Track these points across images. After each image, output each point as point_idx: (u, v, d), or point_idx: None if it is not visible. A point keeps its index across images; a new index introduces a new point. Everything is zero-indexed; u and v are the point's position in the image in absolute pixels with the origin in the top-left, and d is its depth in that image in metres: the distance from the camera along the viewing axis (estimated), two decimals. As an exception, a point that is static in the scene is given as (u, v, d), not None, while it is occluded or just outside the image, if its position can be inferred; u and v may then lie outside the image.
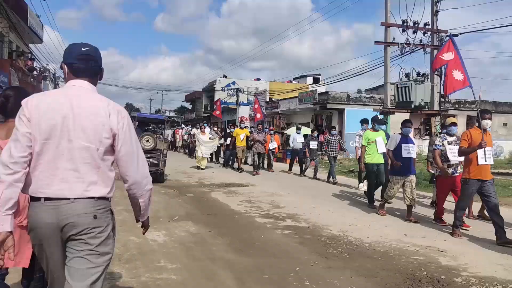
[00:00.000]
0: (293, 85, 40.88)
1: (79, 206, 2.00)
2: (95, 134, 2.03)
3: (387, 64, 13.73)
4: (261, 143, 14.25)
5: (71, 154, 2.01)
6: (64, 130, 2.00)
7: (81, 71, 2.12)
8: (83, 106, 2.04)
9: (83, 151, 2.02)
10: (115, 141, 2.08)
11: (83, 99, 2.07)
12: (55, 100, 2.06)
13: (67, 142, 2.00)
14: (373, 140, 8.12)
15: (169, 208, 7.54)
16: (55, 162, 2.00)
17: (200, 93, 53.25)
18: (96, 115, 2.05)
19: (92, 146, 2.03)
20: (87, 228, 2.00)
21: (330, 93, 24.86)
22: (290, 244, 5.35)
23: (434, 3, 13.78)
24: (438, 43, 13.92)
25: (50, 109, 2.00)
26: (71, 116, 2.01)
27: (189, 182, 11.44)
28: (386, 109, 13.73)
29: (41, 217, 1.98)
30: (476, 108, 7.00)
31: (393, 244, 5.44)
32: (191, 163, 18.24)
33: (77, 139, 2.01)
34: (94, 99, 2.11)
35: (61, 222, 1.98)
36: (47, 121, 1.99)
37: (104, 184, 2.08)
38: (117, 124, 2.07)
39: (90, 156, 2.03)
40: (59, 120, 2.00)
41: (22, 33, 18.89)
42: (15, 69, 16.26)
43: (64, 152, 2.00)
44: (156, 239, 5.31)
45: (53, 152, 2.00)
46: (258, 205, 8.03)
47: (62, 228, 1.99)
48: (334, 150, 12.39)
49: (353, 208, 8.11)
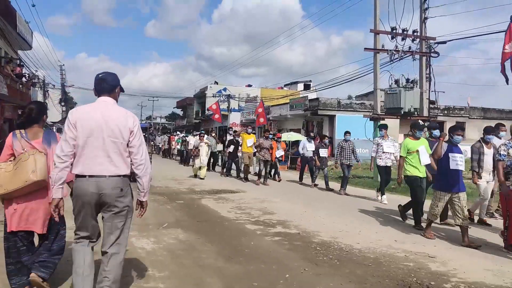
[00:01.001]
0: (284, 91, 41.04)
1: (112, 182, 3.03)
2: (120, 132, 3.07)
3: (377, 71, 13.86)
4: (268, 150, 13.17)
5: (105, 147, 3.02)
6: (99, 131, 3.01)
7: (98, 90, 3.20)
8: (109, 115, 3.07)
9: (112, 144, 3.04)
10: (131, 136, 3.11)
11: (109, 110, 3.11)
12: (90, 111, 3.07)
13: (101, 139, 3.02)
14: (414, 150, 6.96)
15: (158, 215, 7.46)
16: (94, 152, 3.00)
17: (192, 99, 53.21)
18: (119, 121, 3.07)
19: (118, 141, 3.06)
20: (116, 197, 3.06)
21: (321, 100, 25.00)
22: (280, 251, 5.31)
23: (423, 11, 13.97)
24: (427, 50, 14.09)
25: (88, 118, 3.03)
26: (103, 122, 3.03)
27: (179, 189, 11.35)
28: (376, 115, 13.83)
29: (86, 188, 2.99)
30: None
31: (383, 250, 5.43)
32: (184, 171, 18.17)
33: (108, 136, 3.03)
34: (116, 109, 3.15)
35: (99, 191, 3.00)
36: (87, 125, 3.00)
37: (126, 166, 3.13)
38: (133, 126, 3.13)
39: (117, 147, 3.06)
40: (95, 124, 3.01)
41: (11, 39, 18.73)
42: (3, 76, 16.11)
43: (100, 146, 3.01)
44: (144, 247, 5.24)
45: (92, 146, 3.00)
46: (249, 212, 7.98)
47: (99, 195, 3.00)
48: (348, 158, 11.33)
49: (344, 214, 8.09)
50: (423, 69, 14.21)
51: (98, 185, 2.99)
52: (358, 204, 9.41)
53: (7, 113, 19.06)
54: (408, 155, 7.04)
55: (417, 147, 6.98)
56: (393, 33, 13.69)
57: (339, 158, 11.35)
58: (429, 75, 14.29)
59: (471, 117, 27.76)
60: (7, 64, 18.41)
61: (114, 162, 3.04)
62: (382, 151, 9.76)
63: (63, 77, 37.37)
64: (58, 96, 37.58)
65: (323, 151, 12.47)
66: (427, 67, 14.24)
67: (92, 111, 3.07)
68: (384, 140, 9.89)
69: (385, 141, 9.89)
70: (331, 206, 9.18)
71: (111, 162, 3.03)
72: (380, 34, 13.84)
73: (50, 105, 34.25)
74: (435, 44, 14.24)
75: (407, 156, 7.04)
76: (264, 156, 13.05)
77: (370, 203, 9.57)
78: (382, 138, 9.98)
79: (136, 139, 3.12)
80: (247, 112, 35.81)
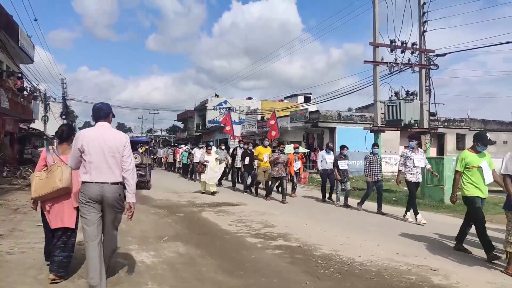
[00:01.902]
0: (284, 104, 41.20)
1: (112, 188, 3.94)
2: (116, 149, 3.99)
3: (377, 83, 13.90)
4: (284, 165, 12.01)
5: (106, 160, 3.93)
6: (100, 148, 3.93)
7: (96, 117, 4.14)
8: (108, 137, 4.01)
9: (112, 158, 3.96)
10: (124, 150, 4.03)
11: (107, 132, 4.06)
12: (93, 133, 4.01)
13: (103, 154, 3.93)
14: (475, 165, 6.01)
15: (158, 228, 7.42)
16: (98, 165, 3.91)
17: (192, 112, 53.38)
18: (115, 140, 4.03)
19: (116, 155, 3.99)
20: (115, 200, 3.97)
21: (321, 112, 25.06)
22: (281, 264, 5.26)
23: (422, 24, 14.08)
24: (426, 62, 14.16)
25: (92, 138, 3.96)
26: (103, 141, 3.95)
27: (180, 202, 11.30)
28: (376, 127, 13.84)
29: (94, 191, 3.88)
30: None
31: (385, 263, 5.38)
32: (185, 184, 18.09)
33: (108, 152, 3.95)
34: (112, 131, 4.13)
35: (103, 194, 3.90)
36: (91, 144, 3.92)
37: (121, 176, 4.01)
38: (125, 142, 4.07)
39: (115, 161, 3.98)
40: (97, 143, 3.93)
41: (13, 53, 18.87)
42: (5, 89, 16.18)
43: (102, 160, 3.92)
44: (144, 261, 5.20)
45: (97, 160, 3.91)
46: (249, 225, 7.94)
47: (102, 197, 3.90)
48: (377, 173, 10.13)
49: (345, 227, 8.04)
50: (422, 81, 14.27)
51: (102, 189, 3.90)
52: (361, 217, 9.36)
53: (8, 126, 19.12)
54: (466, 170, 6.07)
55: (479, 163, 6.03)
56: (392, 45, 13.77)
57: (368, 174, 10.12)
58: (429, 87, 14.33)
59: (471, 129, 27.78)
60: (9, 78, 18.51)
61: (114, 172, 3.96)
62: (412, 165, 8.70)
63: (64, 91, 37.50)
64: (59, 110, 37.69)
65: (343, 163, 11.34)
66: (426, 79, 14.29)
67: (95, 134, 4.00)
68: (414, 153, 8.82)
69: (416, 153, 8.82)
70: (332, 219, 9.13)
71: (112, 172, 3.95)
72: (379, 47, 13.93)
73: (51, 118, 34.39)
74: (435, 56, 14.31)
75: (464, 172, 6.09)
76: (279, 172, 11.83)
77: (373, 216, 9.51)
78: (412, 151, 8.88)
79: (126, 151, 4.06)
80: (247, 124, 35.88)
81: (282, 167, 11.83)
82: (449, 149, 27.68)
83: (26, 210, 8.76)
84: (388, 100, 13.63)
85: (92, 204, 3.89)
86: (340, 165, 11.23)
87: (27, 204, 9.57)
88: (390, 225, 8.23)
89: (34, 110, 22.09)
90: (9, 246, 5.58)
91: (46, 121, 33.60)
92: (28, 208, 8.94)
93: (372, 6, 14.05)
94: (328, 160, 12.15)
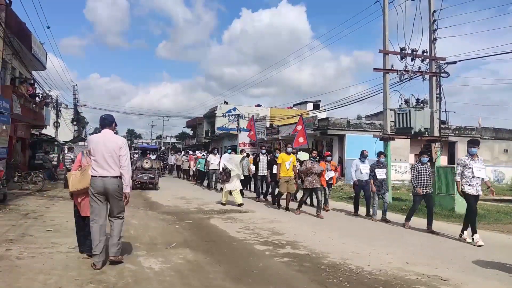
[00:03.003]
0: (293, 111, 41.15)
1: (112, 180, 5.04)
2: (114, 149, 5.07)
3: (386, 91, 13.85)
4: (318, 175, 10.72)
5: (106, 159, 5.02)
6: (102, 150, 5.03)
7: (102, 125, 5.29)
8: (108, 140, 5.11)
9: (110, 157, 5.04)
10: (120, 151, 5.09)
11: (108, 137, 5.16)
12: (98, 138, 5.14)
13: (103, 154, 5.03)
14: None
15: (166, 234, 7.43)
16: (101, 163, 5.02)
17: (201, 119, 53.59)
18: (114, 142, 5.11)
19: (113, 155, 5.06)
20: (115, 190, 5.05)
21: (330, 119, 25.00)
22: (289, 272, 5.23)
23: (432, 32, 14.00)
24: (437, 70, 14.07)
25: (97, 142, 5.08)
26: (104, 144, 5.05)
27: (188, 208, 11.31)
28: (386, 135, 13.76)
29: (98, 184, 4.98)
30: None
31: (394, 272, 5.32)
32: (192, 190, 18.10)
33: (107, 152, 5.03)
34: (112, 136, 5.21)
35: (105, 186, 4.99)
36: (96, 146, 5.05)
37: (119, 170, 5.09)
38: (121, 144, 5.15)
39: (113, 159, 5.06)
40: (100, 146, 5.05)
41: (26, 60, 19.15)
42: (17, 95, 16.42)
43: (103, 158, 5.02)
44: (152, 267, 5.20)
45: (100, 159, 5.02)
46: (258, 232, 7.91)
47: (105, 189, 4.99)
48: (427, 184, 8.81)
49: (354, 235, 7.98)
50: (433, 89, 14.16)
51: (104, 182, 5.03)
52: (370, 225, 9.28)
53: (20, 132, 19.36)
54: None
55: None
56: (402, 53, 13.71)
57: (417, 185, 8.82)
58: (439, 95, 14.20)
59: (482, 137, 27.51)
60: (21, 84, 18.78)
61: (113, 168, 5.08)
62: (471, 175, 7.56)
63: (75, 97, 37.92)
64: (70, 116, 38.09)
65: (380, 172, 10.04)
66: (437, 87, 14.18)
67: (99, 139, 5.16)
68: (473, 161, 7.67)
69: (475, 161, 7.67)
70: (341, 227, 9.06)
71: (111, 168, 5.07)
72: (389, 55, 13.89)
73: (62, 124, 34.74)
74: (445, 64, 14.21)
75: None
76: (312, 183, 10.55)
77: (382, 225, 9.42)
78: (471, 158, 7.71)
79: (122, 151, 5.14)
80: (256, 131, 35.89)
81: (316, 177, 10.64)
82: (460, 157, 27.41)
83: (36, 215, 8.84)
84: (398, 108, 13.55)
85: (98, 196, 5.03)
86: (378, 174, 10.00)
87: (37, 209, 9.67)
88: (399, 234, 8.14)
89: (46, 116, 22.36)
90: (19, 251, 5.62)
91: (58, 127, 33.95)
92: (38, 214, 9.03)
93: (382, 14, 14.05)
94: (363, 170, 10.87)
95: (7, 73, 16.92)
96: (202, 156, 21.13)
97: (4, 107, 13.67)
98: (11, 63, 17.64)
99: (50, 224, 7.80)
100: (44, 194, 13.53)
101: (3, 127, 14.13)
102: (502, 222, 10.14)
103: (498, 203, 14.62)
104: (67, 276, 4.61)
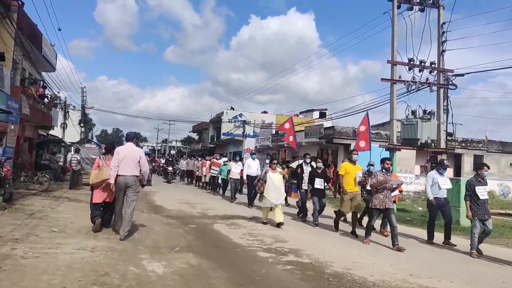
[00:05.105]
0: (299, 119, 41.14)
1: (131, 178, 7.24)
2: (135, 157, 7.32)
3: (393, 101, 13.84)
4: (391, 190, 8.19)
5: (129, 164, 7.24)
6: (127, 157, 7.25)
7: (127, 139, 7.72)
8: (131, 150, 7.40)
9: (132, 163, 7.26)
10: (140, 159, 7.36)
11: (131, 149, 7.44)
12: (124, 149, 7.36)
13: (128, 160, 7.24)
14: None
15: (170, 239, 7.45)
16: (124, 166, 7.21)
17: (207, 124, 53.75)
18: (136, 153, 7.41)
19: (135, 161, 7.30)
20: (133, 185, 7.27)
21: (336, 128, 24.96)
22: (291, 280, 5.22)
23: (441, 43, 14.01)
24: (445, 81, 14.06)
25: (124, 152, 7.30)
26: (129, 154, 7.31)
27: (192, 213, 11.33)
28: (392, 145, 13.73)
29: (121, 181, 7.19)
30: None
31: (398, 284, 5.29)
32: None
33: (130, 158, 7.27)
34: (134, 148, 7.52)
35: (126, 181, 7.21)
36: (122, 154, 7.25)
37: (138, 172, 7.36)
38: (141, 154, 7.49)
39: (135, 164, 7.29)
40: (125, 155, 7.26)
41: (36, 61, 19.34)
42: (27, 96, 16.58)
43: (127, 163, 7.23)
44: (155, 271, 5.21)
45: (124, 163, 7.21)
46: (261, 239, 7.91)
47: (125, 184, 7.21)
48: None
49: (358, 245, 7.95)
50: (440, 100, 14.14)
51: (125, 179, 7.16)
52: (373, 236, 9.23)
53: (28, 132, 19.52)
54: None
55: None
56: (410, 64, 13.73)
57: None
58: (447, 107, 14.19)
59: (489, 150, 27.33)
60: (31, 85, 18.96)
61: (134, 169, 7.24)
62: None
63: (83, 99, 38.20)
64: (78, 117, 38.33)
65: (482, 190, 7.71)
66: (444, 99, 14.16)
67: (125, 150, 7.32)
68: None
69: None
70: (345, 237, 9.02)
71: (132, 169, 7.22)
72: (397, 65, 13.90)
73: (69, 125, 34.98)
74: (453, 76, 14.20)
75: None
76: (385, 201, 7.99)
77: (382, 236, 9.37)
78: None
79: (142, 160, 7.35)
80: (262, 138, 35.92)
81: (389, 194, 8.09)
82: (466, 170, 27.19)
83: (41, 215, 8.89)
84: (405, 118, 13.53)
85: (120, 191, 7.22)
86: (480, 194, 7.59)
87: (43, 210, 9.73)
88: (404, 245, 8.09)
89: (54, 117, 22.50)
90: (24, 251, 5.66)
91: (65, 128, 34.19)
92: (43, 214, 9.08)
93: (391, 25, 14.07)
94: (442, 185, 8.58)
95: (17, 74, 17.09)
96: (223, 163, 17.68)
97: (13, 107, 13.82)
98: (22, 63, 17.81)
99: (55, 225, 7.85)
100: (49, 194, 13.60)
101: (11, 127, 14.28)
102: (506, 236, 10.06)
103: (503, 217, 14.51)
104: (71, 277, 4.64)
